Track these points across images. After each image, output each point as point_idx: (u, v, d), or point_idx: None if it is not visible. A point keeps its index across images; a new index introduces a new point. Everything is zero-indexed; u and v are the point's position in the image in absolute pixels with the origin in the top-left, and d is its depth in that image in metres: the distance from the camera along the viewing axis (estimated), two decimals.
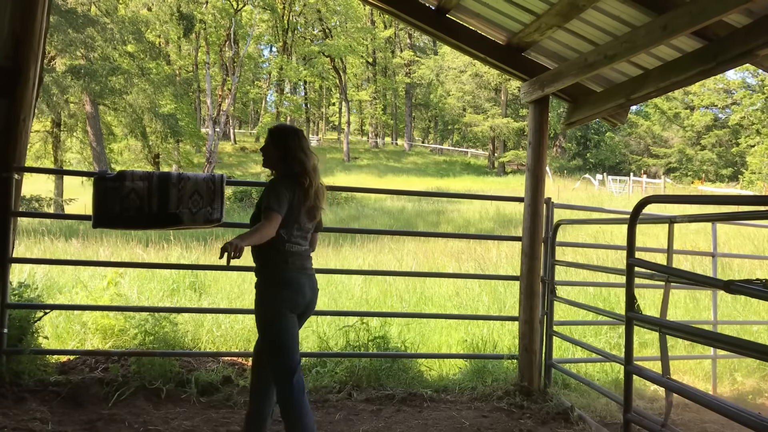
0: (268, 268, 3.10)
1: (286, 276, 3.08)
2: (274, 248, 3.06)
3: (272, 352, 3.08)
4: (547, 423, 4.19)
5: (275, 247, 3.06)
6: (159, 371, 4.39)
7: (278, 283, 3.08)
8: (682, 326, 3.25)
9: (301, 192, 3.10)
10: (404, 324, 5.91)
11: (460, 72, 43.90)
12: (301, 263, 3.14)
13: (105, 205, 3.98)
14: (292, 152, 3.14)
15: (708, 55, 3.56)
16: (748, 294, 2.33)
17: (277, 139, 3.20)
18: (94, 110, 25.51)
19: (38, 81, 4.35)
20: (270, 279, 3.09)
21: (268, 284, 3.09)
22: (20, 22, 4.12)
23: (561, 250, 5.33)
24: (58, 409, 3.88)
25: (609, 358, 4.63)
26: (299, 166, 3.13)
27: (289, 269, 3.09)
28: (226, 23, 38.25)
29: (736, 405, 2.55)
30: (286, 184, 3.07)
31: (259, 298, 3.11)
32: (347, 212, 23.14)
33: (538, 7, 4.20)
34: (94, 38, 23.76)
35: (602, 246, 8.91)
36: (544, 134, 4.99)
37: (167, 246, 10.92)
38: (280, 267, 3.08)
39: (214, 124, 35.95)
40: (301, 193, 3.10)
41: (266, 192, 3.03)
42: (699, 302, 7.50)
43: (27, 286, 4.96)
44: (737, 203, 3.12)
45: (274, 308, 3.06)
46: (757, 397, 5.42)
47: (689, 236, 12.74)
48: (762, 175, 35.43)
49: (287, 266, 3.08)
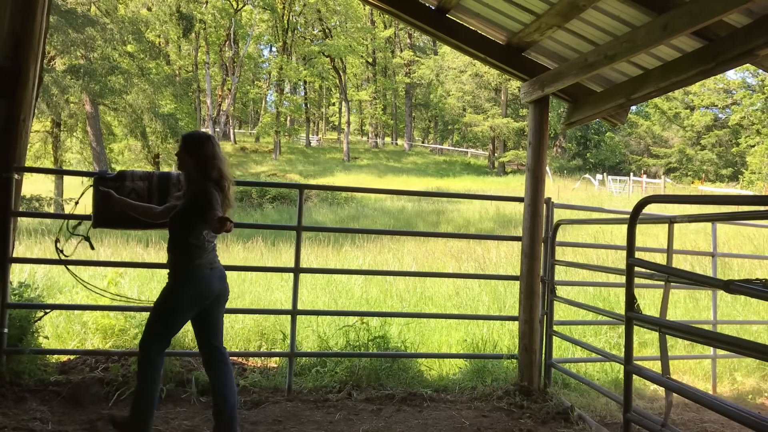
0: (183, 262, 3.42)
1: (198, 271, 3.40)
2: (194, 245, 3.40)
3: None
4: (547, 423, 4.19)
5: (195, 244, 3.40)
6: None
7: (189, 277, 3.37)
8: (682, 326, 3.25)
9: (222, 195, 3.37)
10: (404, 324, 5.91)
11: (460, 72, 43.90)
12: (212, 258, 3.48)
13: (105, 205, 3.98)
14: (210, 160, 3.38)
15: (708, 55, 3.57)
16: (748, 294, 2.34)
17: (192, 147, 3.43)
18: (93, 110, 25.51)
19: (38, 81, 4.35)
20: (182, 272, 3.40)
21: (181, 277, 3.40)
22: (20, 21, 4.12)
23: (561, 250, 5.33)
24: (58, 409, 3.88)
25: (609, 357, 4.63)
26: (217, 172, 3.39)
27: (202, 265, 3.40)
28: (226, 23, 38.27)
29: (736, 405, 2.55)
30: (213, 188, 3.33)
31: (170, 286, 3.42)
32: (347, 212, 23.15)
33: (538, 7, 4.20)
34: (94, 38, 23.75)
35: (602, 246, 8.91)
36: (544, 134, 4.99)
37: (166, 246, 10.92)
38: (195, 262, 3.39)
39: (214, 124, 35.95)
40: (222, 196, 3.37)
41: (203, 196, 3.26)
42: (698, 302, 7.50)
43: (27, 285, 4.96)
44: (737, 203, 3.13)
45: (178, 297, 3.39)
46: (757, 397, 5.42)
47: (689, 236, 12.74)
48: (762, 175, 35.44)
49: (201, 261, 3.40)
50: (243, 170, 37.42)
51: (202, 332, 3.50)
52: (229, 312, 5.95)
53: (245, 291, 7.52)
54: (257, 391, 4.44)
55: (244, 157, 43.16)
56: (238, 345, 5.52)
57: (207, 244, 3.44)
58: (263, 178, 34.11)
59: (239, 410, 4.13)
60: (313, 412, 4.19)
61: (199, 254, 3.39)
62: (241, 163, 40.68)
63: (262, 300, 7.24)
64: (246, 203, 25.97)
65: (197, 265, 3.37)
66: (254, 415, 4.07)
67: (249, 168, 38.84)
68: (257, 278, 8.05)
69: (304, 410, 4.20)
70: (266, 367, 5.03)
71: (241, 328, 5.68)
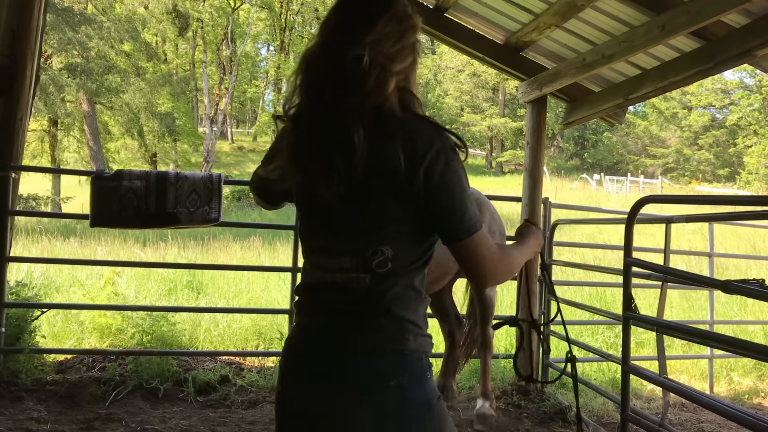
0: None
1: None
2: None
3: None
4: (545, 422, 4.20)
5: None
6: (156, 370, 4.38)
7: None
8: (679, 326, 3.26)
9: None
10: None
11: (458, 71, 43.92)
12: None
13: (102, 204, 3.98)
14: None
15: (706, 55, 3.57)
16: (746, 294, 2.34)
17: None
18: (91, 109, 25.45)
19: (35, 79, 4.33)
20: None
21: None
22: (17, 19, 4.10)
23: (558, 249, 5.33)
24: (55, 409, 3.87)
25: (606, 357, 4.63)
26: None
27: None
28: (224, 22, 38.17)
29: (733, 404, 2.56)
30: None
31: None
32: None
33: (536, 6, 4.20)
34: (91, 37, 23.69)
35: (599, 246, 8.93)
36: (542, 134, 5.00)
37: (164, 245, 10.91)
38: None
39: (211, 123, 35.89)
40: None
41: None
42: (695, 302, 7.52)
43: (24, 285, 4.94)
44: (734, 203, 3.14)
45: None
46: (754, 397, 5.44)
47: (686, 236, 12.78)
48: (759, 175, 35.54)
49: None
50: (240, 169, 37.37)
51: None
52: (226, 311, 5.98)
53: (242, 291, 7.51)
54: (254, 391, 4.44)
55: (242, 156, 43.11)
56: (235, 344, 5.51)
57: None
58: None
59: (236, 410, 4.12)
60: None
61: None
62: (238, 162, 40.64)
63: (259, 299, 7.23)
64: (244, 202, 25.92)
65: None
66: (251, 415, 4.06)
67: (246, 167, 38.77)
68: (254, 278, 8.04)
69: None
70: (264, 367, 5.02)
71: (238, 327, 5.67)
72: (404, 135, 1.31)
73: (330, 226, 1.38)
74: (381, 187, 1.31)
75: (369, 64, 1.28)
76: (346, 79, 1.29)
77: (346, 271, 1.35)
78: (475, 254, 1.37)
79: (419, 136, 1.31)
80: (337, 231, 1.36)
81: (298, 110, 1.38)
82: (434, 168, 1.30)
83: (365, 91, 1.29)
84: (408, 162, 1.29)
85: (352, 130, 1.27)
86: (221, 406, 4.17)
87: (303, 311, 1.46)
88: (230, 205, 24.77)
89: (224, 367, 4.75)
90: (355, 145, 1.27)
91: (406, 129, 1.32)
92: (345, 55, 1.29)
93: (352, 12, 1.37)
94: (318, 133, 1.31)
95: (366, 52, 1.29)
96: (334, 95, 1.29)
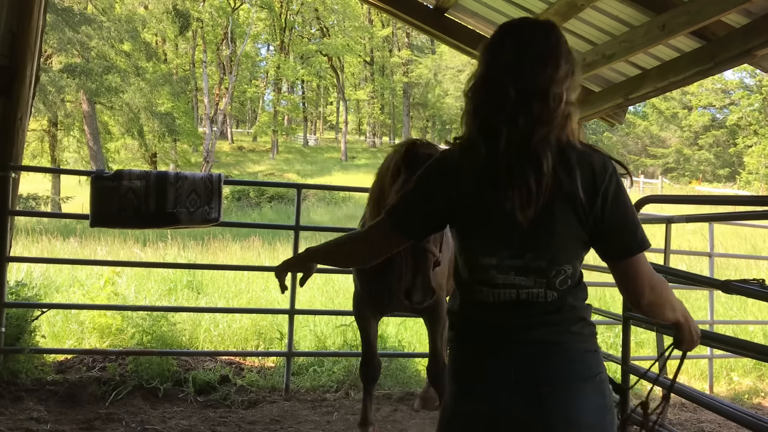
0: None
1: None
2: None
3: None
4: None
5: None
6: (156, 370, 4.38)
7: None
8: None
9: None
10: (401, 323, 5.91)
11: (459, 71, 43.89)
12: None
13: (102, 204, 3.98)
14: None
15: (706, 55, 3.57)
16: (746, 294, 2.34)
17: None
18: (90, 109, 25.44)
19: (35, 79, 4.34)
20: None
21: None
22: (17, 19, 4.10)
23: None
24: (55, 409, 3.87)
25: (606, 357, 4.63)
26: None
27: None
28: (224, 22, 38.17)
29: (733, 404, 2.56)
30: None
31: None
32: (344, 212, 23.13)
33: (536, 6, 4.20)
34: (91, 36, 23.68)
35: None
36: None
37: (164, 245, 10.91)
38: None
39: (211, 123, 35.89)
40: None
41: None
42: (695, 302, 7.51)
43: (24, 284, 4.95)
44: (734, 203, 3.14)
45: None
46: (754, 397, 5.43)
47: (686, 236, 12.77)
48: (759, 175, 35.53)
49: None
50: (240, 169, 37.36)
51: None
52: (226, 311, 5.97)
53: (243, 291, 7.51)
54: (254, 391, 4.44)
55: (242, 156, 43.11)
56: (235, 344, 5.51)
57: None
58: (261, 178, 34.05)
59: (236, 410, 4.13)
60: (311, 411, 4.19)
61: None
62: (238, 162, 40.61)
63: (259, 299, 7.23)
64: (244, 203, 25.93)
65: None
66: (251, 415, 4.06)
67: (246, 167, 38.77)
68: (255, 278, 8.04)
69: (301, 410, 4.20)
70: (264, 367, 5.02)
71: (238, 327, 5.67)
72: (582, 162, 1.47)
73: (512, 246, 1.49)
74: (564, 211, 1.46)
75: (560, 99, 1.45)
76: (542, 111, 1.44)
77: (530, 287, 1.49)
78: (641, 270, 1.51)
79: (594, 163, 1.48)
80: (521, 251, 1.48)
81: (484, 139, 1.49)
82: (609, 190, 1.47)
83: (554, 123, 1.46)
84: (588, 187, 1.45)
85: (543, 158, 1.43)
86: (221, 406, 4.18)
87: (475, 326, 1.56)
88: (230, 205, 24.78)
89: (224, 367, 4.75)
90: (545, 171, 1.42)
91: (583, 157, 1.48)
92: (544, 91, 1.45)
93: (535, 49, 1.49)
94: (514, 160, 1.45)
95: (563, 89, 1.46)
96: (527, 126, 1.44)
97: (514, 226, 1.46)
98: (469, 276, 1.55)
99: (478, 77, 1.54)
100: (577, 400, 1.46)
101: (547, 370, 1.46)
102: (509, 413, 1.47)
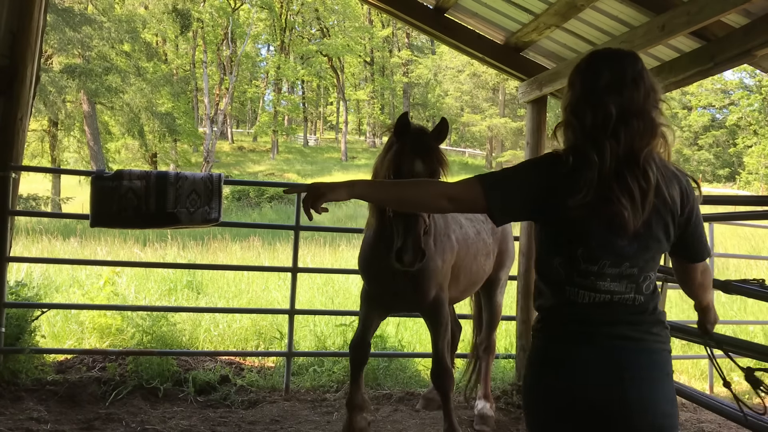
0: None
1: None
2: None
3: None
4: None
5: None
6: (156, 370, 4.38)
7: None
8: (679, 326, 3.26)
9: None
10: (401, 323, 5.91)
11: (458, 72, 43.89)
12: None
13: (103, 204, 3.98)
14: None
15: (706, 56, 3.57)
16: (746, 294, 2.34)
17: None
18: (91, 109, 25.44)
19: (35, 79, 4.34)
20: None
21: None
22: (17, 19, 4.11)
23: None
24: (55, 409, 3.87)
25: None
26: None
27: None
28: (224, 22, 38.18)
29: (733, 404, 2.56)
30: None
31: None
32: (344, 212, 23.11)
33: (536, 6, 4.20)
34: (91, 37, 23.68)
35: None
36: (542, 134, 4.99)
37: (164, 245, 10.91)
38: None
39: (211, 123, 35.90)
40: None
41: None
42: (692, 303, 7.51)
43: (24, 285, 4.95)
44: (734, 203, 3.14)
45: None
46: (754, 397, 5.43)
47: None
48: (759, 175, 35.54)
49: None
50: (241, 169, 37.36)
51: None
52: (226, 311, 5.98)
53: (243, 291, 7.52)
54: (255, 391, 4.44)
55: (242, 156, 43.10)
56: (235, 344, 5.51)
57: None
58: (261, 178, 34.04)
59: (236, 410, 4.13)
60: (311, 411, 4.19)
61: None
62: (238, 162, 40.61)
63: (259, 299, 7.23)
64: (244, 203, 25.93)
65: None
66: (251, 415, 4.06)
67: (246, 167, 38.78)
68: (254, 278, 8.05)
69: (301, 410, 4.20)
70: (264, 367, 5.02)
71: (238, 327, 5.68)
72: (671, 178, 1.65)
73: (613, 255, 1.63)
74: (659, 224, 1.64)
75: (653, 119, 1.63)
76: (639, 128, 1.61)
77: (622, 293, 1.65)
78: (706, 271, 1.88)
79: (681, 179, 1.69)
80: (619, 261, 1.63)
81: (592, 149, 1.61)
82: (695, 207, 1.70)
83: (652, 141, 1.63)
84: (678, 201, 1.65)
85: (649, 171, 1.59)
86: (221, 406, 4.18)
87: (567, 323, 1.69)
88: (230, 205, 24.78)
89: (224, 367, 4.75)
90: (651, 183, 1.58)
91: (675, 174, 1.68)
92: (640, 111, 1.62)
93: (630, 75, 1.66)
94: (624, 172, 1.59)
95: (655, 111, 1.65)
96: (627, 141, 1.60)
97: (617, 236, 1.61)
98: (565, 278, 1.67)
99: (579, 96, 1.68)
100: (656, 389, 1.61)
101: (630, 361, 1.62)
102: (594, 393, 1.61)
